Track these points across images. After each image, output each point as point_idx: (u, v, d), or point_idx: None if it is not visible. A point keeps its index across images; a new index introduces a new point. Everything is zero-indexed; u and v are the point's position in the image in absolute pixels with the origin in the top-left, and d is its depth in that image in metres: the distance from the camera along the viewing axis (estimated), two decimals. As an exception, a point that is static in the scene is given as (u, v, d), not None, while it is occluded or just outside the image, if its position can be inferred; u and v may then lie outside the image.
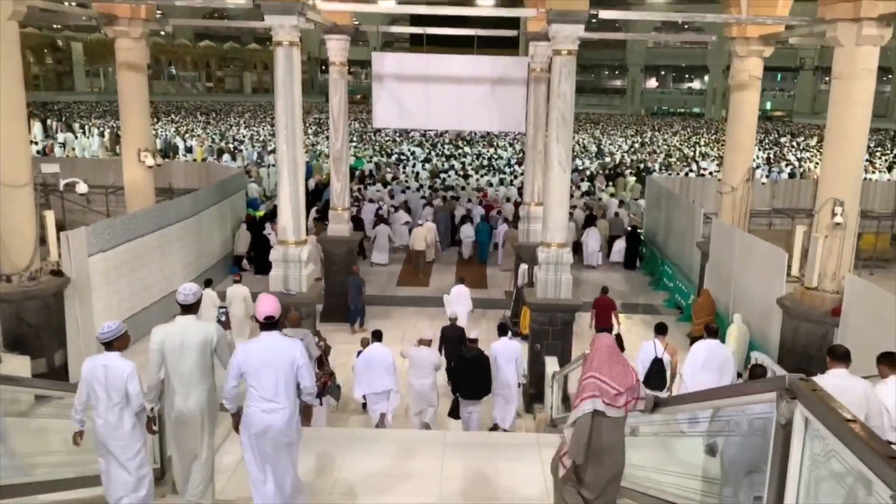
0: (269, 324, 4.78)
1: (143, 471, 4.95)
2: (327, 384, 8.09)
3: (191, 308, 5.09)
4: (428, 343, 8.32)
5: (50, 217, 10.44)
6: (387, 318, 13.56)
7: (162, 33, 13.51)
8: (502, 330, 8.79)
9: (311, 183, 22.71)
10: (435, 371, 8.26)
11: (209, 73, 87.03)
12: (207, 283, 11.56)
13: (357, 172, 26.85)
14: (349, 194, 13.82)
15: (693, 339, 12.92)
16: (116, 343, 4.87)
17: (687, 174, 28.12)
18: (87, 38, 71.85)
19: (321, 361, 8.06)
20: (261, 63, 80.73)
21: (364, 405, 8.80)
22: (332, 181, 13.58)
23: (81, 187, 11.04)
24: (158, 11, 12.53)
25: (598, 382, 4.39)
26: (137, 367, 4.89)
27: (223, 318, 10.91)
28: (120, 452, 4.81)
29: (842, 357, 5.07)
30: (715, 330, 8.52)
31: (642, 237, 19.29)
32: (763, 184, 18.42)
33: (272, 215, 18.60)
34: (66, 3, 16.13)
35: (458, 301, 11.86)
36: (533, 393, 10.14)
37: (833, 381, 4.78)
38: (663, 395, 7.78)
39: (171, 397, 5.10)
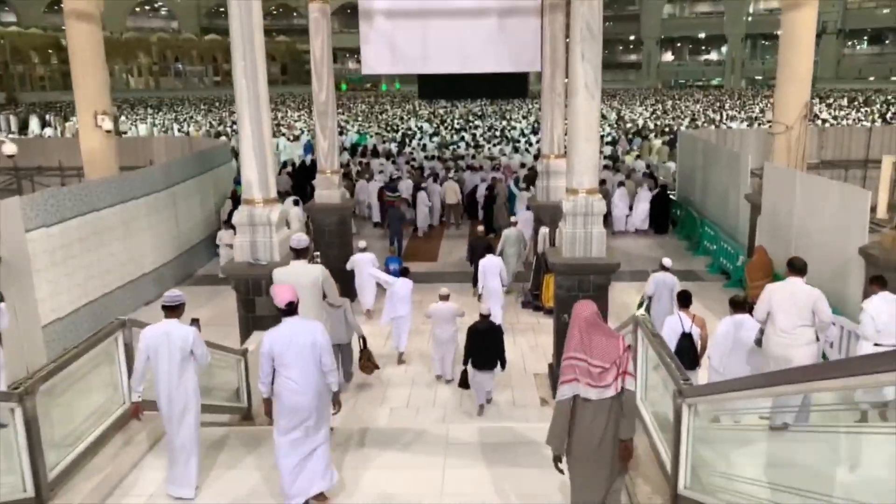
0: (290, 310, 4.93)
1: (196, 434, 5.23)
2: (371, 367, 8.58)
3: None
4: (446, 297, 8.98)
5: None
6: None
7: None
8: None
9: (309, 159, 20.91)
10: (456, 319, 8.93)
11: (216, 68, 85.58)
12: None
13: (360, 148, 25.08)
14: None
15: (751, 305, 11.01)
16: (177, 311, 5.16)
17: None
18: (91, 36, 70.58)
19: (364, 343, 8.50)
20: (268, 55, 79.26)
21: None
22: (318, 139, 11.72)
23: (8, 147, 9.28)
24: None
25: (576, 363, 4.08)
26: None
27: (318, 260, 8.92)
28: (181, 412, 5.11)
29: (800, 269, 6.19)
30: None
31: (674, 198, 17.30)
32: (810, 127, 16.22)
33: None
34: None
35: (491, 275, 10.39)
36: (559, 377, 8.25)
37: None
38: (694, 374, 6.63)
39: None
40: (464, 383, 8.24)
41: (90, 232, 10.40)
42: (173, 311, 5.14)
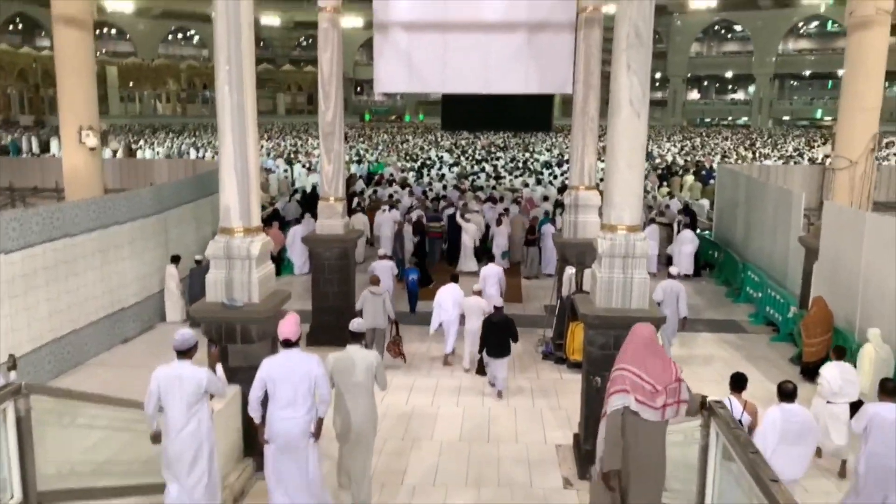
0: (287, 344, 5.25)
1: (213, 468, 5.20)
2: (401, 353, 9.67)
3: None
4: (479, 293, 9.87)
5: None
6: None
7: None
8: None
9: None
10: (482, 315, 9.46)
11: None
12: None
13: (376, 176, 24.06)
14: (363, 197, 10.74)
15: (806, 366, 9.55)
16: (189, 353, 5.12)
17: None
18: (122, 62, 71.86)
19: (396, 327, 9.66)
20: (295, 84, 79.60)
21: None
22: (323, 163, 10.55)
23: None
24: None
25: (629, 376, 3.99)
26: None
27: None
28: (190, 460, 5.02)
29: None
30: (844, 351, 7.40)
31: (708, 237, 15.92)
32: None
33: (269, 218, 15.80)
34: None
35: (490, 282, 10.74)
36: (588, 449, 6.79)
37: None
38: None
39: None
40: (481, 370, 9.35)
41: (59, 260, 9.24)
42: (185, 354, 5.08)
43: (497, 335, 8.76)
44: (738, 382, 6.00)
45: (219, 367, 5.99)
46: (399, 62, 10.28)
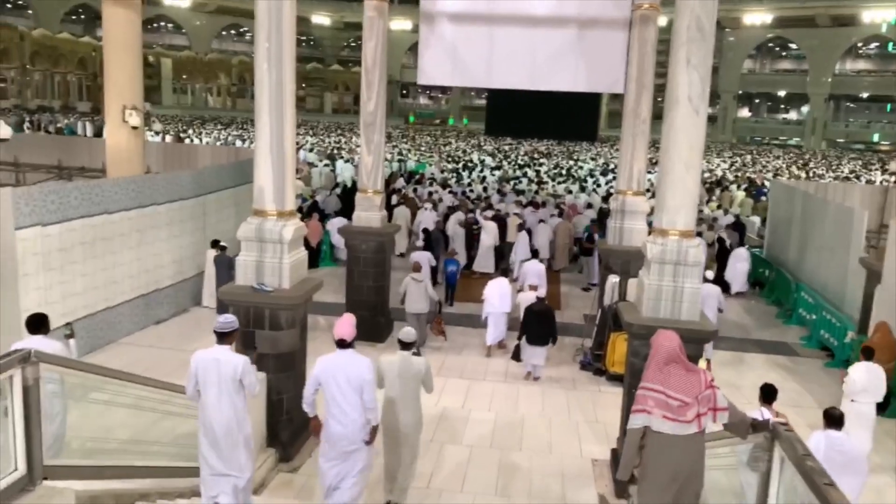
0: (342, 344, 5.22)
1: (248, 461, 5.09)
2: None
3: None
4: (534, 288, 9.99)
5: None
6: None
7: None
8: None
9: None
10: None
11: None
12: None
13: (417, 176, 23.88)
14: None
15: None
16: (229, 337, 5.02)
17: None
18: (177, 55, 73.63)
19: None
20: (342, 84, 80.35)
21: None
22: (363, 153, 10.33)
23: (3, 131, 8.24)
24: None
25: (652, 395, 3.89)
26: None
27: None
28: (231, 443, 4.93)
29: None
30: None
31: (762, 255, 15.25)
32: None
33: (309, 210, 15.71)
34: None
35: (530, 278, 10.71)
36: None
37: None
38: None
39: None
40: (516, 356, 9.69)
41: (96, 236, 9.21)
42: (225, 337, 5.00)
43: (537, 323, 9.06)
44: (768, 394, 5.85)
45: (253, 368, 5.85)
46: (444, 54, 10.03)
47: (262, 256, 6.59)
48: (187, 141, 28.81)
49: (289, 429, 6.88)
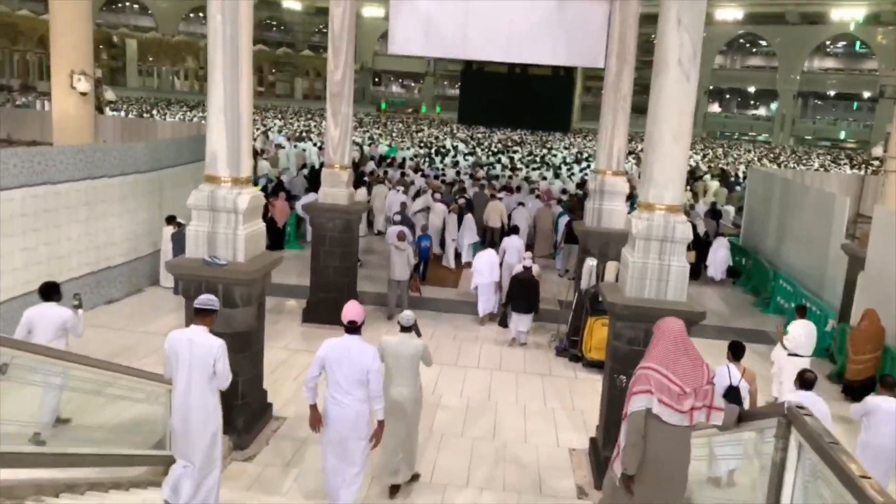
0: (352, 328, 5.03)
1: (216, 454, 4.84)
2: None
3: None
4: (529, 269, 9.74)
5: None
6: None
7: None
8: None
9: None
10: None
11: (260, 78, 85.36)
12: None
13: (388, 160, 23.28)
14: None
15: (850, 384, 8.71)
16: (207, 317, 4.80)
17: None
18: (142, 36, 71.56)
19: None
20: (313, 70, 78.85)
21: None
22: (329, 128, 9.74)
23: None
24: None
25: (655, 376, 3.74)
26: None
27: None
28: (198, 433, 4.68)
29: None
30: (892, 384, 5.98)
31: (738, 243, 15.06)
32: None
33: (274, 190, 15.07)
34: None
35: (510, 253, 10.89)
36: (608, 456, 5.94)
37: None
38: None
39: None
40: (503, 322, 10.01)
41: (38, 208, 8.50)
42: (203, 316, 4.76)
43: (522, 292, 9.34)
44: (736, 351, 6.16)
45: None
46: (417, 23, 9.50)
47: (215, 227, 6.02)
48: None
49: (244, 414, 6.34)
